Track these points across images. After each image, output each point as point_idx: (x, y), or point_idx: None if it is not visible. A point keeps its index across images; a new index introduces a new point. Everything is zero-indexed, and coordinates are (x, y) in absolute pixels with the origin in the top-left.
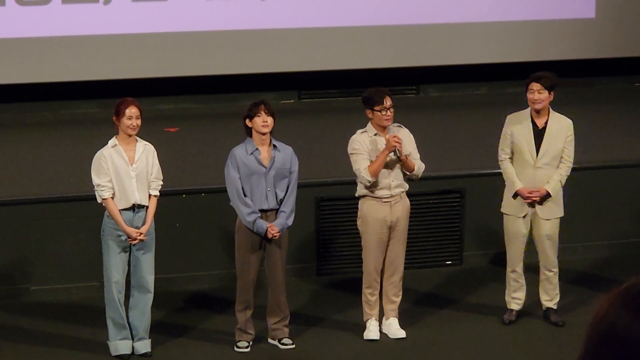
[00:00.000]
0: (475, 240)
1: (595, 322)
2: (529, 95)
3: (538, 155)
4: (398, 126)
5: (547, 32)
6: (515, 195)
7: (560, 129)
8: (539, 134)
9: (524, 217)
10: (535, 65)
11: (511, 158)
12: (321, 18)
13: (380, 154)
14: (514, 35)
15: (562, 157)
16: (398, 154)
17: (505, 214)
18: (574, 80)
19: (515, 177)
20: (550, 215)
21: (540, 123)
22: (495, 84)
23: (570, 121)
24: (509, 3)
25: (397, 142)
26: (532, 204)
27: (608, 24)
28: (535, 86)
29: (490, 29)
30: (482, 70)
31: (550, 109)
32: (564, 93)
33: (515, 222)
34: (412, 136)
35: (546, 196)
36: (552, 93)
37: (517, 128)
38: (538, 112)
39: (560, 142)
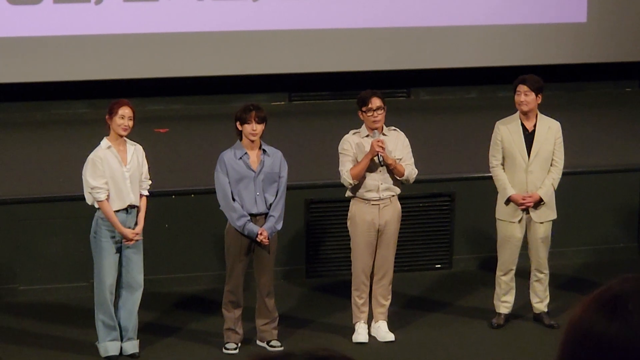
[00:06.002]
0: (465, 244)
1: (570, 327)
2: (516, 98)
3: (530, 158)
4: (394, 129)
5: (539, 36)
6: (508, 202)
7: (549, 131)
8: (528, 137)
9: (519, 221)
10: (527, 69)
11: (502, 164)
12: (312, 20)
13: (364, 157)
14: (505, 39)
15: (552, 159)
16: (381, 159)
17: (500, 220)
18: (565, 84)
19: (507, 184)
20: (544, 218)
21: (529, 126)
22: (486, 87)
23: (559, 123)
24: (501, 7)
25: (380, 147)
26: (525, 209)
27: (599, 28)
28: (522, 88)
29: (482, 32)
30: (473, 74)
31: (538, 112)
32: (555, 97)
33: (510, 227)
34: (407, 140)
35: (539, 201)
36: (539, 96)
37: (507, 133)
38: (526, 114)
39: (550, 144)
